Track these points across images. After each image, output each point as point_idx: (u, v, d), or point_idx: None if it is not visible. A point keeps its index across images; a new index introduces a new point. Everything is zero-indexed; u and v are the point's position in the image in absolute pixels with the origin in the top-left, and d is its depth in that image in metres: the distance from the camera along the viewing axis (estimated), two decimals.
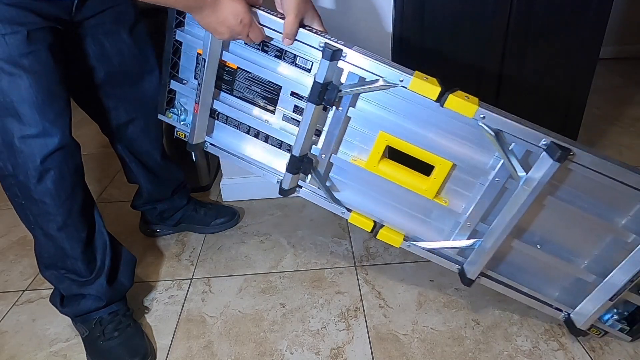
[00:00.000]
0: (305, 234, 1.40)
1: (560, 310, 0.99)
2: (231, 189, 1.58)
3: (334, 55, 0.84)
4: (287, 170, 0.99)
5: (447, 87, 0.84)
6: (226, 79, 1.01)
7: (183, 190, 1.38)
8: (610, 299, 0.89)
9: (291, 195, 1.05)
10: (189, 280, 1.25)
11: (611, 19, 1.40)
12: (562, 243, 0.93)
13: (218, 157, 1.70)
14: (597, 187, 0.84)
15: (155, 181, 1.29)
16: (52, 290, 1.06)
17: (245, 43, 0.95)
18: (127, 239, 1.38)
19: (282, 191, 1.03)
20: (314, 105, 0.89)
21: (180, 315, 1.13)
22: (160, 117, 1.11)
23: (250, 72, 0.98)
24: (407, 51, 1.37)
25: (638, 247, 0.86)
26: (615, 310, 0.99)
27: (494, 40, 1.37)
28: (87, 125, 1.16)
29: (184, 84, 1.05)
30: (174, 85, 1.06)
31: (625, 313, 0.99)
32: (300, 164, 0.98)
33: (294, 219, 1.47)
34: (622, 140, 1.93)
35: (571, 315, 0.98)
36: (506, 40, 1.38)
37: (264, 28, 0.87)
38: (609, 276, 0.90)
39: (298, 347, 1.03)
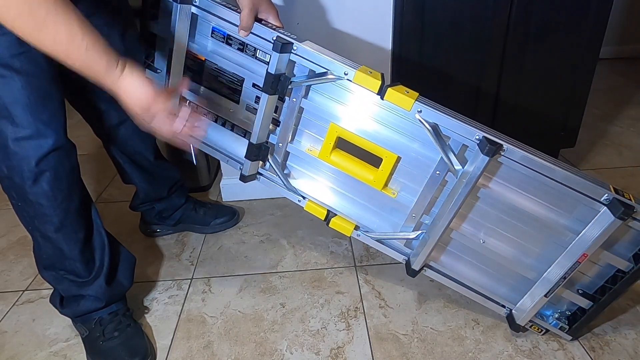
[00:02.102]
0: (305, 234, 1.40)
1: (503, 306, 1.01)
2: (231, 189, 1.58)
3: (283, 48, 0.88)
4: (245, 156, 1.03)
5: (391, 83, 0.88)
6: (195, 69, 1.04)
7: (180, 189, 1.38)
8: (545, 295, 0.92)
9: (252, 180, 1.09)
10: (189, 280, 1.25)
11: (611, 19, 1.40)
12: (504, 240, 0.95)
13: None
14: (538, 186, 0.86)
15: (150, 180, 1.29)
16: (52, 290, 1.06)
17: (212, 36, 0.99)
18: (127, 239, 1.38)
19: (242, 177, 1.07)
20: (267, 95, 0.94)
21: (180, 315, 1.13)
22: None
23: (216, 64, 1.02)
24: (407, 51, 1.37)
25: (572, 244, 0.88)
26: (557, 309, 1.01)
27: (494, 40, 1.38)
28: (86, 125, 1.16)
29: (157, 72, 1.08)
30: (149, 74, 1.09)
31: (568, 312, 1.00)
32: (258, 152, 1.02)
33: (294, 219, 1.47)
34: (622, 140, 1.93)
35: (513, 311, 1.00)
36: (506, 40, 1.38)
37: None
38: (545, 272, 0.92)
39: (298, 347, 1.03)
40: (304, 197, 1.06)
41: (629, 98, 2.37)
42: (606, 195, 0.81)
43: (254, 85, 1.01)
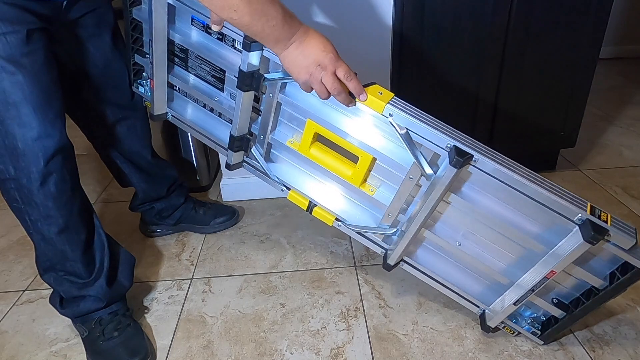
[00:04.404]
0: (305, 234, 1.40)
1: (478, 306, 1.01)
2: (231, 189, 1.58)
3: (252, 46, 0.87)
4: (227, 147, 1.04)
5: (366, 83, 0.85)
6: (180, 55, 1.05)
7: (179, 188, 1.38)
8: (514, 303, 0.91)
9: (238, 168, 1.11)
10: (189, 280, 1.25)
11: (611, 19, 1.40)
12: (480, 244, 0.94)
13: (218, 157, 1.71)
14: (513, 195, 0.83)
15: (148, 180, 1.29)
16: (51, 290, 1.06)
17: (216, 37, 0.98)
18: (127, 239, 1.38)
19: (227, 165, 1.08)
20: (242, 92, 0.93)
21: (180, 315, 1.13)
22: (133, 89, 1.15)
23: (198, 53, 1.02)
24: (407, 50, 1.37)
25: (543, 258, 0.86)
26: (531, 314, 1.01)
27: (494, 40, 1.38)
28: None
29: (146, 57, 1.08)
30: (138, 59, 1.09)
31: (543, 318, 1.00)
32: (240, 143, 1.03)
33: (294, 219, 1.47)
34: (622, 140, 1.93)
35: (486, 311, 1.00)
36: (506, 40, 1.38)
37: None
38: (518, 280, 0.91)
39: (298, 347, 1.03)
40: (287, 187, 1.06)
41: (629, 98, 2.37)
42: (579, 215, 0.78)
43: (235, 76, 0.99)
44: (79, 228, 0.97)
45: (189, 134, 1.54)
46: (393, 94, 0.85)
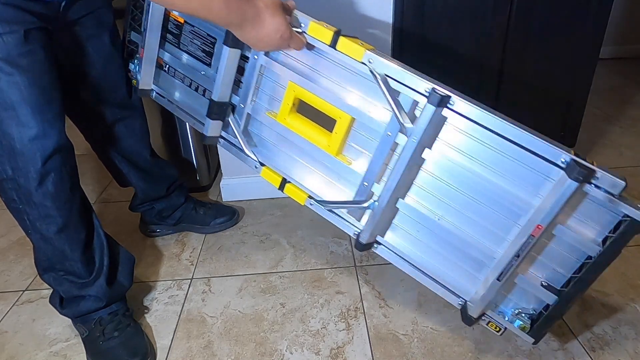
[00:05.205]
0: (305, 234, 1.40)
1: (459, 297, 0.93)
2: (231, 189, 1.58)
3: None
4: (206, 114, 1.03)
5: (350, 36, 0.87)
6: (174, 32, 1.07)
7: (180, 188, 1.38)
8: (498, 278, 0.83)
9: (213, 144, 1.11)
10: (189, 280, 1.25)
11: (611, 19, 1.40)
12: (459, 218, 0.88)
13: (218, 157, 1.71)
14: (490, 151, 0.80)
15: (148, 180, 1.29)
16: (51, 290, 1.06)
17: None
18: (127, 239, 1.38)
19: (203, 138, 1.07)
20: (228, 48, 0.93)
21: (180, 315, 1.13)
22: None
23: (194, 26, 1.03)
24: (408, 47, 1.37)
25: (526, 217, 0.79)
26: (517, 305, 0.92)
27: (494, 39, 1.38)
28: None
29: (142, 33, 1.09)
30: (134, 36, 1.11)
31: (532, 311, 0.90)
32: (219, 110, 1.03)
33: (294, 219, 1.47)
34: (622, 140, 1.93)
35: (467, 302, 0.91)
36: (507, 39, 1.38)
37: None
38: (499, 257, 0.84)
39: (298, 347, 1.03)
40: (261, 164, 1.05)
41: (629, 98, 2.37)
42: (564, 157, 0.73)
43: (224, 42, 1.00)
44: (78, 227, 0.97)
45: (189, 135, 1.54)
46: (374, 47, 0.86)
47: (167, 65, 1.12)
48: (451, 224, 0.89)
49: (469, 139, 0.82)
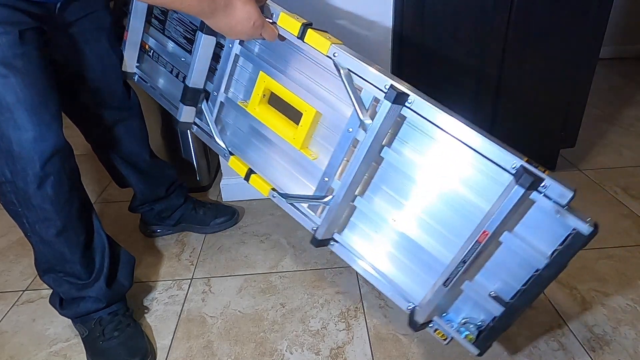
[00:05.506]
0: (305, 234, 1.40)
1: (408, 301, 0.90)
2: (231, 189, 1.58)
3: None
4: (180, 100, 1.04)
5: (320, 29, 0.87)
6: (160, 18, 1.10)
7: (179, 188, 1.38)
8: (444, 284, 0.80)
9: (186, 129, 1.12)
10: (189, 280, 1.25)
11: (611, 19, 1.40)
12: (414, 221, 0.87)
13: (218, 157, 1.71)
14: (445, 150, 0.79)
15: (147, 181, 1.29)
16: (52, 290, 1.06)
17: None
18: (127, 239, 1.39)
19: (176, 122, 1.08)
20: (203, 35, 0.95)
21: (180, 315, 1.13)
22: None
23: (178, 12, 1.04)
24: (408, 50, 1.37)
25: (475, 223, 0.77)
26: (466, 315, 0.88)
27: (494, 40, 1.38)
28: None
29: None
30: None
31: (480, 323, 0.87)
32: (193, 96, 1.04)
33: (294, 219, 1.47)
34: (622, 140, 1.93)
35: (416, 307, 0.89)
36: (506, 40, 1.38)
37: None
38: (448, 262, 0.81)
39: (298, 347, 1.03)
40: (230, 153, 1.06)
41: (629, 98, 2.37)
42: (514, 162, 0.72)
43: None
44: (78, 230, 0.97)
45: (189, 135, 1.54)
46: (342, 42, 0.87)
47: (152, 51, 1.13)
48: (406, 225, 0.88)
49: (428, 140, 0.82)
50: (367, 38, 1.32)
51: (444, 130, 0.78)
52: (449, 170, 0.81)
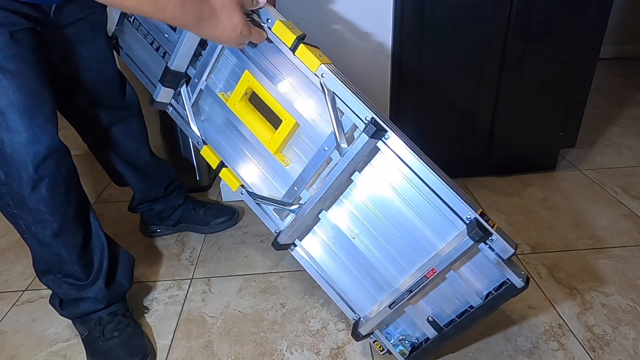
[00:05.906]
0: None
1: (354, 312, 0.97)
2: (231, 189, 1.58)
3: None
4: (159, 80, 1.03)
5: (310, 43, 0.86)
6: None
7: (179, 188, 1.38)
8: (390, 306, 0.88)
9: (161, 109, 1.09)
10: (189, 280, 1.25)
11: (611, 19, 1.40)
12: (372, 242, 0.92)
13: None
14: (412, 188, 0.83)
15: (146, 180, 1.29)
16: (51, 291, 1.06)
17: None
18: (127, 239, 1.39)
19: (151, 101, 1.07)
20: None
21: (180, 315, 1.13)
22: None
23: None
24: (408, 50, 1.37)
25: (427, 258, 0.85)
26: (404, 332, 0.95)
27: (494, 40, 1.38)
28: None
29: None
30: None
31: (415, 340, 0.94)
32: (173, 79, 1.02)
33: None
34: (622, 140, 1.93)
35: (361, 318, 0.96)
36: (506, 40, 1.38)
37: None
38: (397, 286, 0.89)
39: (298, 347, 1.03)
40: (204, 142, 1.06)
41: (629, 98, 2.37)
42: (469, 213, 0.78)
43: None
44: (75, 231, 0.96)
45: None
46: (331, 61, 0.86)
47: (133, 17, 1.09)
48: (364, 245, 0.93)
49: (396, 173, 0.85)
50: (367, 36, 1.32)
51: (414, 172, 0.81)
52: (411, 204, 0.86)
